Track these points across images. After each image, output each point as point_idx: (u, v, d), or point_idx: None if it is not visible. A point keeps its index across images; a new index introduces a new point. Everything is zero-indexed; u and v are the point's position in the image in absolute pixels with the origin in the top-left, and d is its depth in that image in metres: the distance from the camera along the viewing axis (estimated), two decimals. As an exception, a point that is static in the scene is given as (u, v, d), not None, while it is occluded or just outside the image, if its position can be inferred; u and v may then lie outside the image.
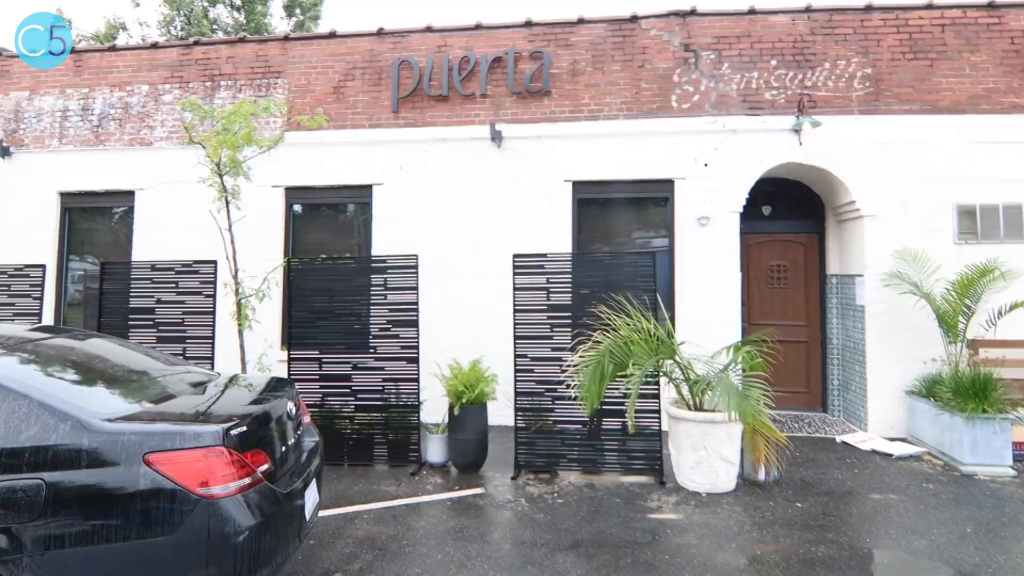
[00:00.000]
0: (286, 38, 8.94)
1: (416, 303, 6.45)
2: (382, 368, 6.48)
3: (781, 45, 8.25)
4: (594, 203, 8.62)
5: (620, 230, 8.68)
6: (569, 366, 5.96)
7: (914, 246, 7.71)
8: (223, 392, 4.09)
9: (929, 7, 8.14)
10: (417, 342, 6.43)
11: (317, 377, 6.51)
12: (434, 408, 6.68)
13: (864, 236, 7.99)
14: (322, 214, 9.15)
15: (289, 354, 6.54)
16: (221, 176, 6.26)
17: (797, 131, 8.03)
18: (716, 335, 7.33)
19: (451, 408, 6.26)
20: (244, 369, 6.37)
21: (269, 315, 7.65)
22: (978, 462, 6.42)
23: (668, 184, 8.30)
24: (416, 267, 6.48)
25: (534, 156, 8.35)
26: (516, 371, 6.28)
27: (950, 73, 8.05)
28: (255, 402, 3.88)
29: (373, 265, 6.76)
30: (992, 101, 7.98)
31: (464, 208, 8.39)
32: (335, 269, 6.89)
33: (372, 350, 6.50)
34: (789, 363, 8.78)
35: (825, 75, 8.16)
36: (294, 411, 4.05)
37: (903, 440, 7.52)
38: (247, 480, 3.06)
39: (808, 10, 8.24)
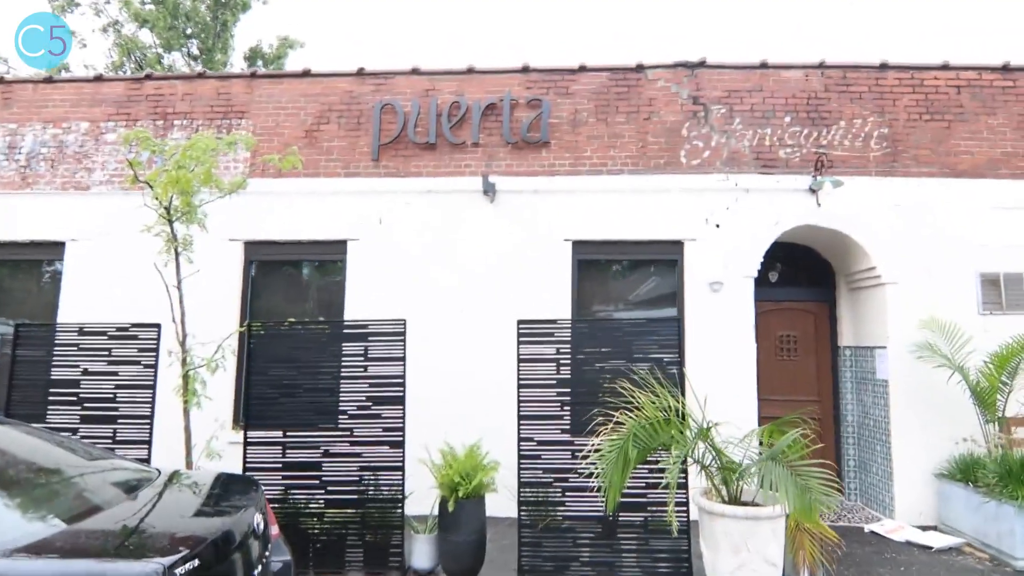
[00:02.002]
0: (253, 75, 8.07)
1: (403, 376, 5.45)
2: (359, 454, 5.39)
3: (795, 101, 7.75)
4: (596, 265, 7.82)
5: (624, 295, 7.87)
6: (584, 451, 4.99)
7: (939, 316, 7.09)
8: (162, 497, 3.03)
9: (945, 68, 7.80)
10: (403, 422, 5.39)
11: (279, 465, 5.38)
12: (420, 500, 5.56)
13: (887, 305, 7.34)
14: (286, 273, 8.11)
15: (246, 437, 5.41)
16: (171, 223, 5.24)
17: (815, 191, 7.44)
18: (729, 411, 6.41)
19: (443, 503, 5.18)
20: (189, 456, 5.20)
21: (221, 389, 6.52)
22: (1032, 556, 5.63)
23: (677, 246, 7.56)
24: (404, 333, 5.51)
25: (531, 212, 7.55)
26: (520, 457, 5.28)
27: (968, 136, 7.65)
28: (209, 513, 2.82)
29: (351, 331, 5.75)
30: (1011, 166, 7.58)
31: (452, 268, 7.47)
32: (305, 336, 5.84)
33: (347, 432, 5.42)
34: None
35: (841, 134, 7.66)
36: (261, 525, 2.99)
37: (934, 529, 6.74)
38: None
39: (822, 66, 7.81)
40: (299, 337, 5.80)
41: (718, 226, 7.51)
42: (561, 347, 5.41)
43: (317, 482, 5.34)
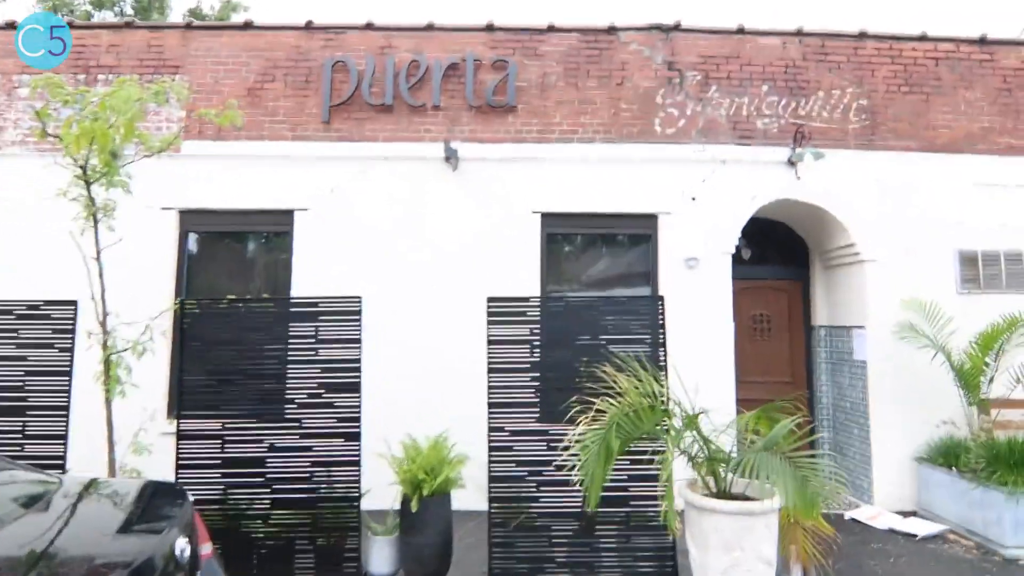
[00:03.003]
0: (188, 26, 7.24)
1: (358, 360, 4.87)
2: (309, 448, 4.79)
3: (772, 70, 7.37)
4: (566, 239, 7.34)
5: (596, 272, 7.41)
6: (560, 441, 4.53)
7: (919, 295, 6.86)
8: (72, 515, 2.46)
9: (923, 39, 7.53)
10: (359, 412, 4.82)
11: (218, 461, 4.75)
12: (378, 498, 5.00)
13: (866, 283, 7.09)
14: (228, 246, 7.38)
15: (179, 429, 4.76)
16: (88, 184, 4.51)
17: (794, 164, 7.10)
18: (706, 395, 6.08)
19: (404, 501, 4.65)
20: (112, 453, 4.53)
21: (152, 375, 5.83)
22: (1020, 544, 5.46)
23: (651, 220, 7.13)
24: (359, 313, 4.92)
25: (497, 182, 6.99)
26: (491, 449, 4.78)
27: (946, 109, 7.42)
28: (130, 531, 2.26)
29: (300, 310, 5.14)
30: (988, 141, 7.38)
31: (411, 241, 6.87)
32: (247, 315, 5.19)
33: (296, 423, 4.82)
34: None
35: (819, 105, 7.33)
36: (186, 552, 2.42)
37: (914, 514, 6.54)
38: None
39: (800, 34, 7.44)
40: (240, 316, 5.14)
41: (694, 199, 7.11)
42: (534, 327, 4.90)
43: (262, 480, 4.73)
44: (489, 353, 4.82)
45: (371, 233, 6.85)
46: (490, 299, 4.93)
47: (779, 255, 8.29)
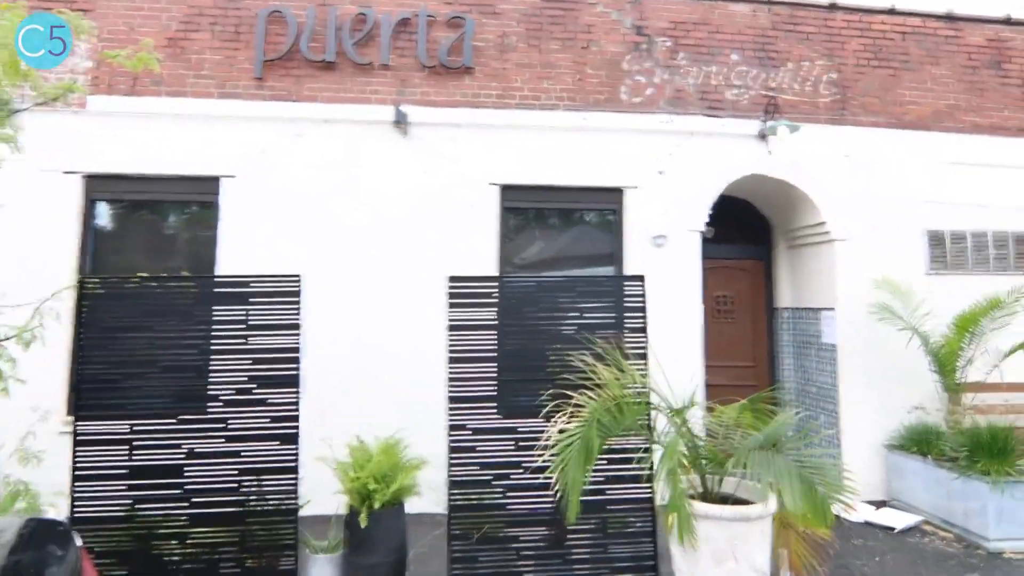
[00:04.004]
0: (97, -38, 6.30)
1: (297, 348, 4.20)
2: (237, 453, 4.10)
3: (742, 38, 6.96)
4: (526, 214, 6.77)
5: (558, 249, 6.87)
6: (532, 441, 3.99)
7: (891, 275, 6.62)
8: None
9: (891, 12, 7.27)
10: (297, 409, 4.16)
11: (125, 470, 4.00)
12: (320, 504, 4.36)
13: (835, 263, 6.81)
14: (143, 218, 6.48)
15: (76, 432, 3.99)
16: (-42, 135, 3.68)
17: (765, 137, 6.73)
18: (675, 383, 5.68)
19: (351, 514, 4.03)
20: (-8, 461, 3.75)
21: (46, 369, 5.01)
22: (1004, 536, 5.25)
23: (617, 194, 6.65)
24: (298, 293, 4.25)
25: (451, 149, 6.35)
26: (451, 450, 4.20)
27: (914, 85, 7.19)
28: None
29: (228, 291, 4.40)
30: (955, 119, 7.20)
31: (357, 214, 6.16)
32: (162, 296, 4.43)
33: (221, 424, 4.12)
34: (736, 412, 7.38)
35: (790, 77, 6.98)
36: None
37: (884, 504, 6.32)
38: None
39: (770, 1, 7.05)
40: (154, 298, 4.38)
41: (661, 173, 6.65)
42: (500, 311, 4.33)
43: (179, 492, 4.01)
44: (450, 340, 4.23)
45: (310, 205, 6.11)
46: (451, 279, 4.32)
47: (741, 234, 7.95)
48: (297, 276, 4.35)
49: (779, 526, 4.21)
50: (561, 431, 3.70)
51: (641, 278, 4.42)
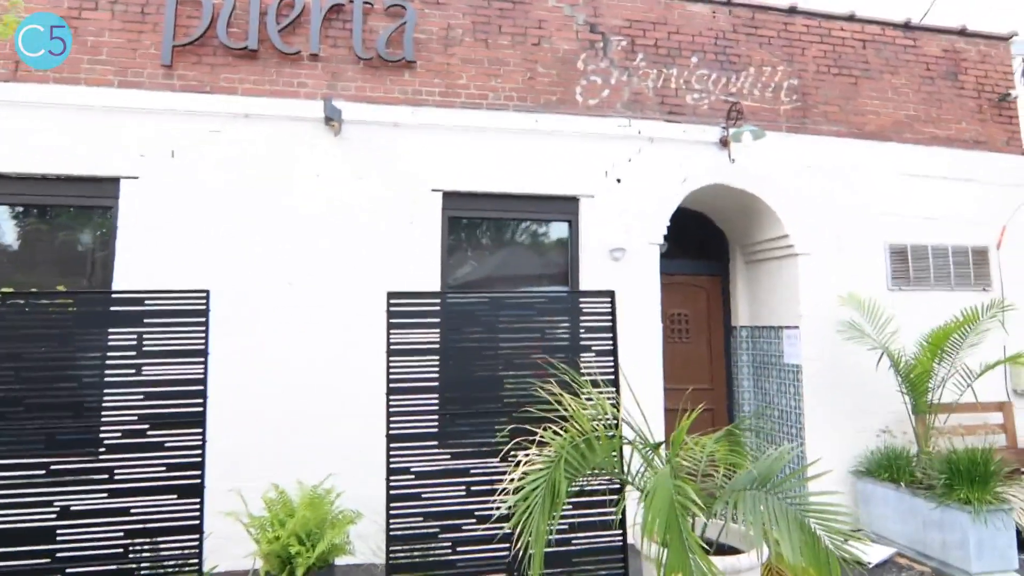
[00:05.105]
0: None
1: (203, 381, 3.48)
2: (125, 510, 3.36)
3: (702, 40, 6.60)
4: (472, 224, 6.18)
5: (507, 262, 6.31)
6: (487, 484, 3.38)
7: (851, 291, 6.33)
8: None
9: (851, 19, 7.06)
10: (201, 455, 3.44)
11: (-25, 536, 3.20)
12: (233, 564, 3.63)
13: (798, 279, 6.46)
14: (25, 225, 5.57)
15: (-90, 491, 3.17)
16: None
17: (726, 144, 6.35)
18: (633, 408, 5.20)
19: (266, 580, 3.33)
20: None
21: None
22: (987, 569, 4.93)
23: (571, 203, 6.13)
24: (206, 313, 3.53)
25: (389, 151, 5.71)
26: (391, 499, 3.54)
27: (874, 95, 6.98)
28: None
29: (118, 309, 3.65)
30: (914, 130, 7.01)
31: (278, 223, 5.44)
32: (34, 317, 3.65)
33: (105, 475, 3.37)
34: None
35: (751, 82, 6.64)
36: None
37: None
38: None
39: (729, 3, 6.72)
40: (24, 319, 3.60)
41: (619, 181, 6.18)
42: (449, 332, 3.72)
43: (47, 562, 3.24)
44: (391, 367, 3.58)
45: (226, 211, 5.35)
46: (391, 295, 3.68)
47: (696, 248, 7.57)
48: (204, 292, 3.64)
49: (767, 572, 3.75)
50: (524, 473, 3.10)
51: (610, 294, 3.89)
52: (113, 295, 4.06)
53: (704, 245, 7.60)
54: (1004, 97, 7.32)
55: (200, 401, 3.49)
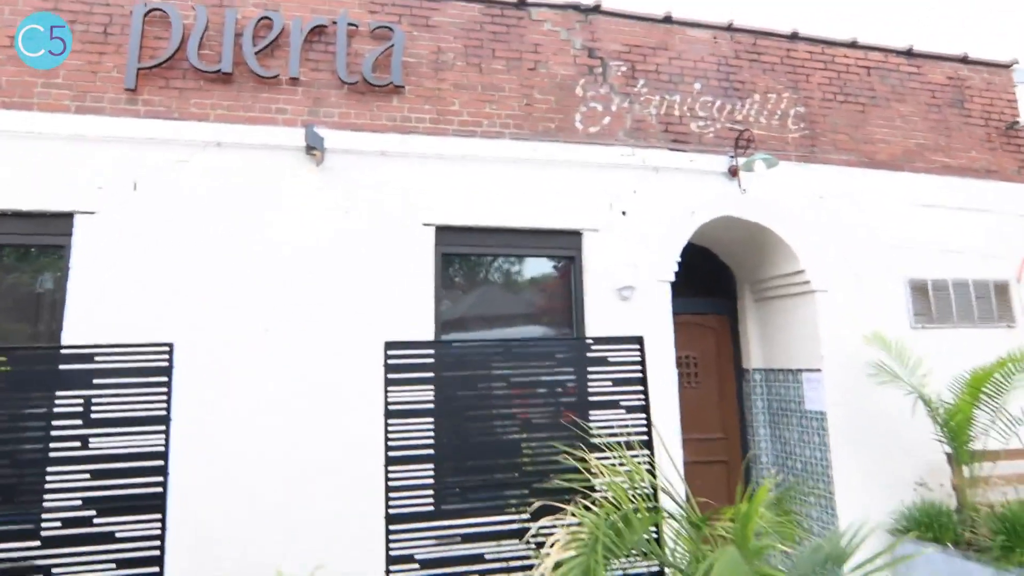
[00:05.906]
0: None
1: (164, 455, 2.88)
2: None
3: (704, 66, 6.27)
4: (466, 261, 5.67)
5: (505, 303, 5.78)
6: (508, 572, 2.80)
7: (878, 330, 5.90)
8: None
9: (853, 45, 6.82)
10: (160, 547, 2.81)
11: None
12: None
13: (817, 318, 6.02)
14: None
15: None
16: None
17: (735, 173, 5.96)
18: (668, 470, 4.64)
19: None
20: None
21: None
22: (1053, 643, 4.39)
23: (574, 238, 5.66)
24: (168, 371, 2.95)
25: (376, 182, 5.22)
26: (386, 590, 2.94)
27: (882, 123, 6.69)
28: None
29: (57, 367, 3.05)
30: (925, 159, 6.71)
31: (254, 263, 4.87)
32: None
33: (41, 574, 2.73)
34: (708, 491, 6.37)
35: (756, 109, 6.31)
36: None
37: (887, 599, 5.39)
38: None
39: (731, 28, 6.42)
40: (-60, 378, 2.98)
41: (624, 213, 5.74)
42: (456, 387, 3.17)
43: None
44: (388, 431, 3.01)
45: (193, 249, 4.77)
46: (389, 345, 3.14)
47: (702, 286, 7.10)
48: (167, 346, 3.08)
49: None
50: (557, 565, 2.53)
51: (639, 340, 3.39)
52: (59, 350, 3.46)
53: (710, 282, 7.16)
54: (1012, 125, 7.09)
55: (160, 480, 2.88)
